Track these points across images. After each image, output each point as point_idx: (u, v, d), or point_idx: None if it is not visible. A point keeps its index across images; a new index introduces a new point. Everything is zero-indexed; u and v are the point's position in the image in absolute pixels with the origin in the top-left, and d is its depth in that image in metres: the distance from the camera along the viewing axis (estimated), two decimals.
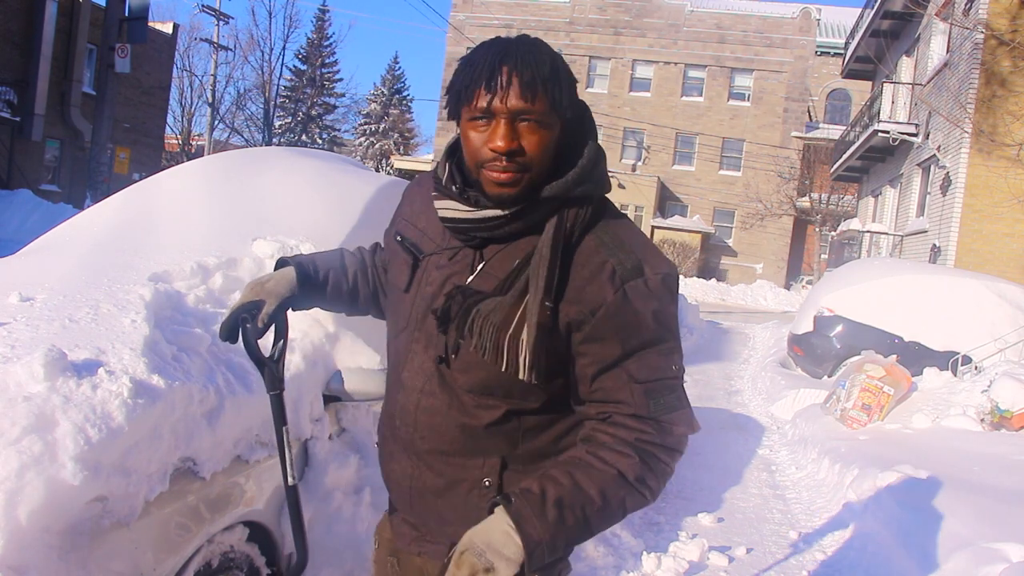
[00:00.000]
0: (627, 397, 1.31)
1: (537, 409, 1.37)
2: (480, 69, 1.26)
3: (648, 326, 1.30)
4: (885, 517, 4.21)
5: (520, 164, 1.27)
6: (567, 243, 1.31)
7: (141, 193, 3.19)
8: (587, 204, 1.34)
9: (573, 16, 35.42)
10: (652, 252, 1.35)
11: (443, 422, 1.38)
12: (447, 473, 1.40)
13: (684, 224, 33.16)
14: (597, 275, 1.30)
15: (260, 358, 1.68)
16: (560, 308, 1.30)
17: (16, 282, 2.33)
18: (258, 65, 44.05)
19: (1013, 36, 12.84)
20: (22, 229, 14.28)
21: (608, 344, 1.30)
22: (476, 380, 1.35)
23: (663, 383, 1.32)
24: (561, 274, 1.30)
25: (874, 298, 9.17)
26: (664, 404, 1.32)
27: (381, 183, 3.42)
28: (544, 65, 1.26)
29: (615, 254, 1.31)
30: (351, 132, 48.36)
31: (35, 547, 1.59)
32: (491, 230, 1.33)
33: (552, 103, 1.26)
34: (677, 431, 1.34)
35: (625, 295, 1.29)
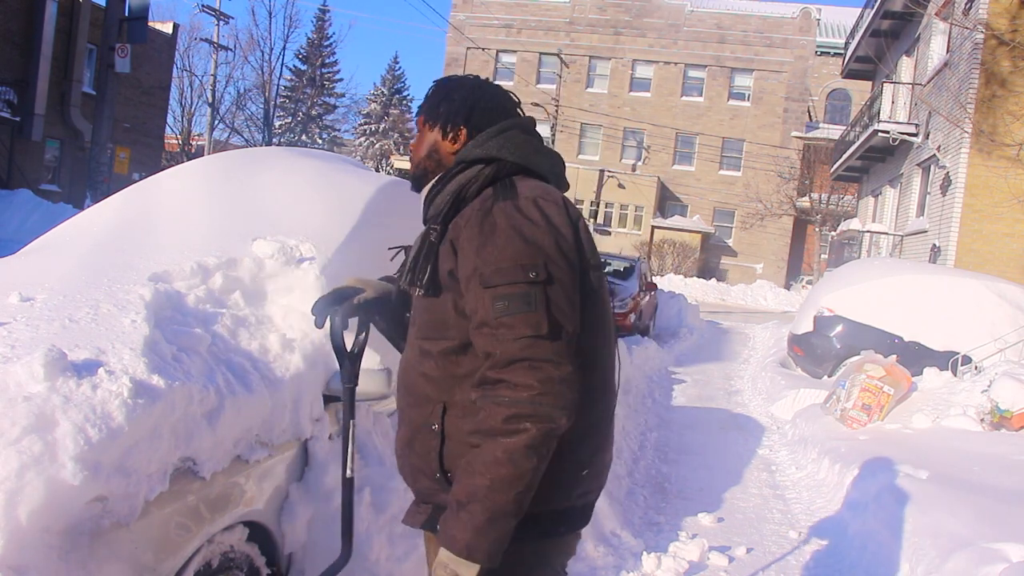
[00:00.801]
0: (479, 304, 1.45)
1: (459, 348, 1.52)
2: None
3: (507, 236, 1.45)
4: (885, 517, 4.21)
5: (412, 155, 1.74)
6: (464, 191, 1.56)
7: (141, 193, 3.19)
8: (486, 165, 1.58)
9: (573, 16, 35.40)
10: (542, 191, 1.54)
11: (410, 374, 1.62)
12: (413, 421, 1.61)
13: (684, 224, 33.16)
14: (477, 204, 1.53)
15: (343, 350, 1.86)
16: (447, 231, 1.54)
17: (16, 282, 2.33)
18: (258, 65, 43.96)
19: (1013, 36, 12.84)
20: (22, 229, 14.28)
21: (468, 252, 1.48)
22: (419, 324, 1.61)
23: (514, 288, 1.42)
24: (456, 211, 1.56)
25: (874, 298, 9.17)
26: (509, 308, 1.42)
27: (381, 183, 3.42)
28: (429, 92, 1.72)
29: (498, 190, 1.54)
30: (351, 132, 48.39)
31: (35, 547, 1.59)
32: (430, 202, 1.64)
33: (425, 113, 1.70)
34: (521, 332, 1.41)
35: (488, 211, 1.49)
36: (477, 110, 1.66)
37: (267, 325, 2.51)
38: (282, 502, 2.39)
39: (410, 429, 1.62)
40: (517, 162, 1.59)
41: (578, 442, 1.53)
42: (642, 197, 33.18)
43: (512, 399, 1.39)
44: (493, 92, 1.70)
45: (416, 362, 1.61)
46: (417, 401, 1.59)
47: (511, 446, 1.38)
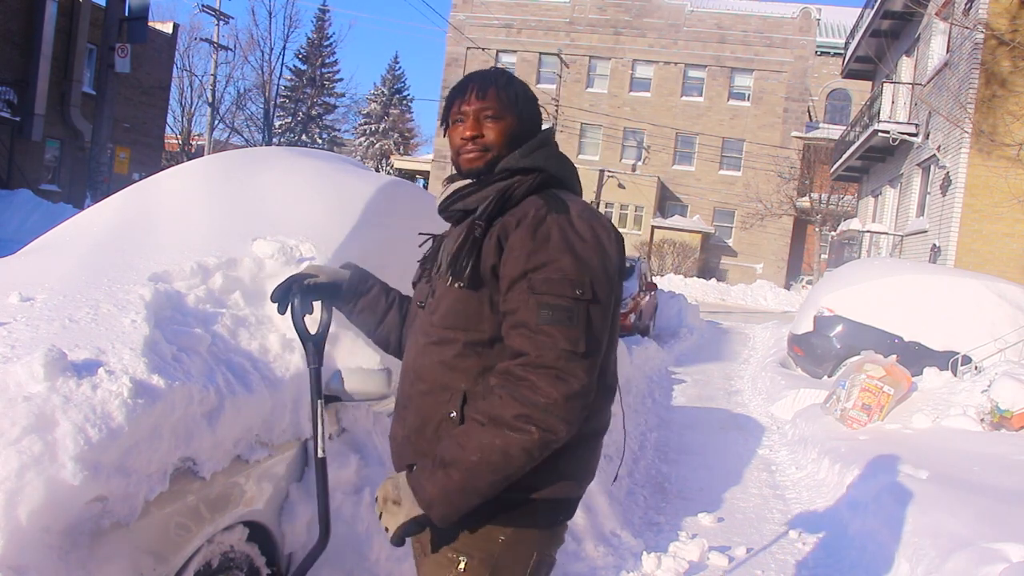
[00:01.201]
0: (521, 306, 1.49)
1: (489, 342, 1.57)
2: (456, 90, 1.70)
3: (559, 248, 1.50)
4: (885, 517, 4.21)
5: (482, 145, 1.65)
6: (509, 197, 1.60)
7: (141, 193, 3.18)
8: (534, 174, 1.63)
9: (573, 16, 35.40)
10: (587, 209, 1.59)
11: (425, 361, 1.63)
12: (424, 409, 1.62)
13: (684, 224, 33.16)
14: (527, 208, 1.57)
15: (305, 332, 1.92)
16: (492, 229, 1.57)
17: (16, 282, 2.33)
18: (258, 65, 44.02)
19: (1013, 36, 12.84)
20: (22, 229, 14.28)
21: (518, 254, 1.51)
22: (442, 313, 1.61)
23: (559, 300, 1.47)
24: (501, 211, 1.59)
25: (874, 298, 9.17)
26: (552, 317, 1.46)
27: (381, 183, 3.42)
28: (500, 77, 1.70)
29: (549, 200, 1.58)
30: (351, 132, 48.41)
31: (35, 547, 1.59)
32: (463, 198, 1.67)
33: (504, 100, 1.66)
34: (560, 344, 1.45)
35: (543, 219, 1.53)
36: (531, 109, 1.72)
37: (267, 325, 2.51)
38: (282, 502, 2.39)
39: (420, 417, 1.63)
40: (557, 176, 1.66)
41: (599, 437, 1.66)
42: (642, 197, 33.18)
43: (529, 400, 1.44)
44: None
45: (434, 350, 1.61)
46: (432, 389, 1.61)
47: (511, 441, 1.44)
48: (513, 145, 1.65)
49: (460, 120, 1.67)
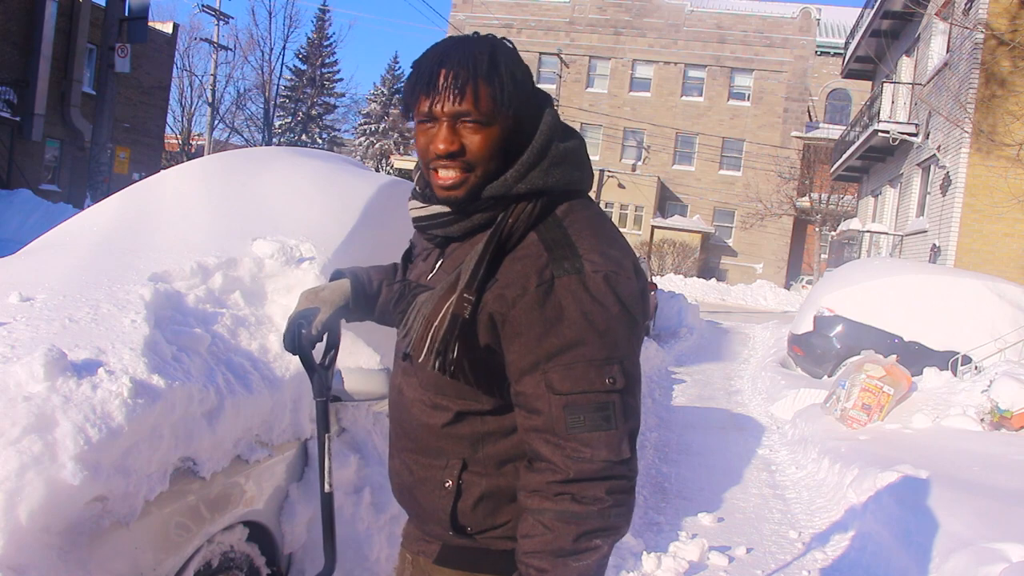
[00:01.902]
0: (544, 408, 1.21)
1: (491, 411, 1.33)
2: (421, 74, 1.27)
3: (575, 327, 1.20)
4: (885, 517, 4.21)
5: (464, 163, 1.27)
6: (505, 243, 1.26)
7: (141, 193, 3.19)
8: (535, 200, 1.28)
9: (573, 16, 35.41)
10: (603, 250, 1.26)
11: (408, 420, 1.40)
12: (415, 471, 1.41)
13: (684, 224, 33.16)
14: (528, 269, 1.23)
15: (312, 365, 1.70)
16: (484, 299, 1.24)
17: (16, 282, 2.33)
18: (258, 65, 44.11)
19: (1013, 36, 12.83)
20: (22, 229, 14.27)
21: (525, 341, 1.22)
22: (427, 379, 1.35)
23: (588, 397, 1.20)
24: (495, 268, 1.25)
25: (874, 298, 9.17)
26: (583, 422, 1.20)
27: (381, 183, 3.42)
28: (482, 63, 1.25)
29: (554, 250, 1.24)
30: (351, 132, 48.37)
31: (35, 547, 1.59)
32: (443, 227, 1.35)
33: (492, 99, 1.25)
34: (599, 455, 1.19)
35: (550, 288, 1.21)
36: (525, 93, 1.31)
37: (267, 325, 2.51)
38: (282, 502, 2.39)
39: (412, 477, 1.41)
40: (566, 189, 1.32)
41: None
42: (642, 197, 33.17)
43: (582, 514, 1.20)
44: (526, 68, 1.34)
45: (423, 412, 1.37)
46: (421, 451, 1.39)
47: (584, 569, 1.21)
48: (503, 158, 1.28)
49: (429, 122, 1.27)
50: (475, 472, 1.35)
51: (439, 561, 1.45)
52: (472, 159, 1.26)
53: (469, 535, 1.37)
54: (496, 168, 1.28)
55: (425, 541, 1.48)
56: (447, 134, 1.25)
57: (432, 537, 1.45)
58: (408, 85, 1.30)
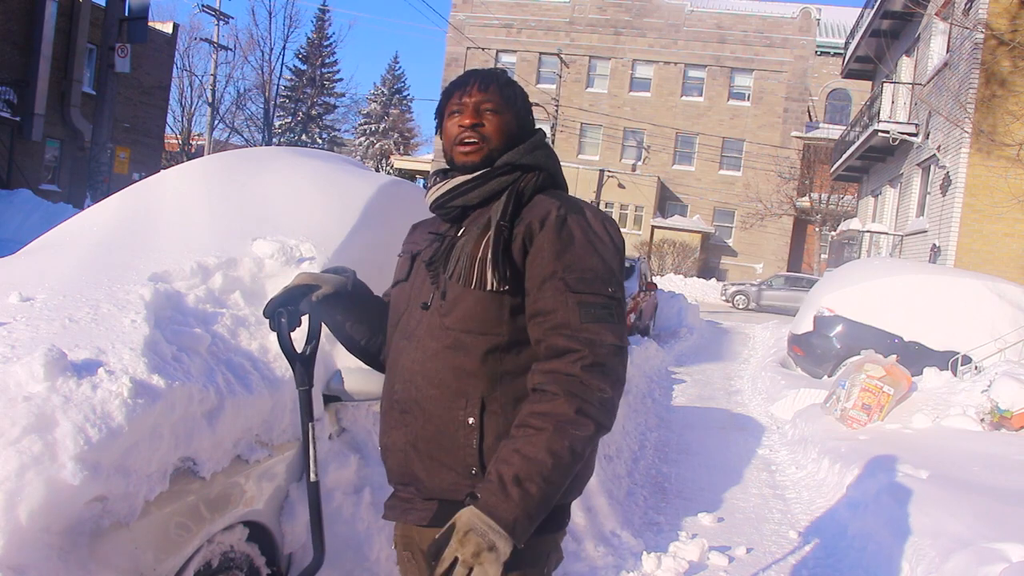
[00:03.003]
0: (560, 305, 1.49)
1: (508, 346, 1.55)
2: (455, 84, 1.70)
3: (585, 248, 1.53)
4: (885, 517, 4.21)
5: (481, 135, 1.64)
6: (520, 196, 1.60)
7: (141, 193, 3.18)
8: (539, 172, 1.65)
9: (573, 16, 35.40)
10: (596, 209, 1.62)
11: (434, 365, 1.57)
12: (437, 416, 1.56)
13: (684, 224, 33.16)
14: (546, 207, 1.57)
15: (292, 352, 1.76)
16: (515, 230, 1.56)
17: (16, 282, 2.33)
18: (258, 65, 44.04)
19: (1013, 36, 12.83)
20: (22, 229, 14.27)
21: (546, 255, 1.52)
22: (457, 316, 1.56)
23: (596, 298, 1.50)
24: (516, 212, 1.58)
25: (874, 298, 9.18)
26: (594, 315, 1.49)
27: (381, 183, 3.42)
28: (502, 77, 1.70)
29: (561, 200, 1.59)
30: (351, 132, 48.40)
31: (35, 547, 1.59)
32: (463, 194, 1.64)
33: (505, 97, 1.67)
34: (607, 340, 1.48)
35: (564, 221, 1.54)
36: (527, 111, 1.73)
37: (267, 325, 2.51)
38: (282, 502, 2.39)
39: (432, 424, 1.56)
40: (554, 176, 1.69)
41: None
42: (642, 197, 33.17)
43: (585, 396, 1.44)
44: None
45: (448, 355, 1.56)
46: (445, 395, 1.55)
47: (576, 438, 1.43)
48: (509, 143, 1.65)
49: (458, 111, 1.65)
50: (493, 411, 1.54)
51: (433, 523, 1.54)
52: (487, 134, 1.64)
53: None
54: (503, 147, 1.65)
55: (416, 510, 1.59)
56: (471, 113, 1.64)
57: (435, 494, 1.56)
58: (443, 95, 1.70)
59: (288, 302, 1.76)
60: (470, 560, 1.34)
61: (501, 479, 1.39)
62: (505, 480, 1.38)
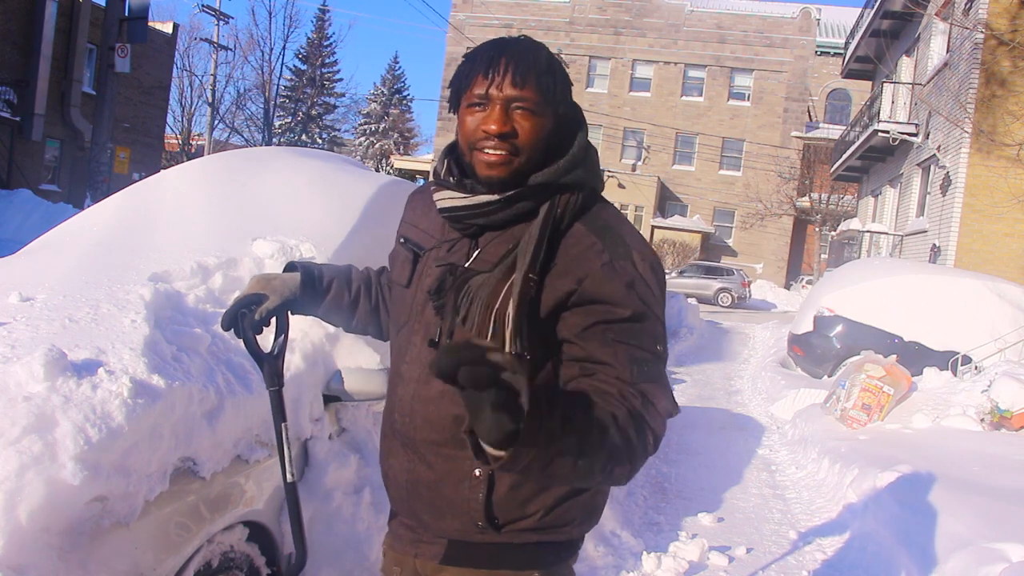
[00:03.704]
0: (612, 359, 1.29)
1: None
2: (480, 60, 1.33)
3: (634, 299, 1.31)
4: (885, 517, 4.21)
5: (512, 146, 1.32)
6: (557, 227, 1.34)
7: (141, 193, 3.19)
8: (578, 191, 1.37)
9: (573, 16, 35.40)
10: (640, 242, 1.38)
11: (436, 411, 1.39)
12: (439, 465, 1.40)
13: (684, 224, 33.16)
14: (585, 253, 1.32)
15: (258, 353, 1.70)
16: (547, 282, 1.31)
17: (16, 282, 2.33)
18: (258, 65, 44.02)
19: (1013, 36, 12.83)
20: (22, 229, 14.27)
21: (594, 308, 1.31)
22: None
23: (648, 354, 1.31)
24: (550, 255, 1.32)
25: (874, 298, 9.18)
26: (648, 373, 1.30)
27: (381, 183, 3.42)
28: (540, 60, 1.33)
29: (604, 238, 1.34)
30: (351, 132, 48.37)
31: (35, 547, 1.59)
32: (486, 216, 1.36)
33: (545, 93, 1.32)
34: (660, 406, 1.29)
35: (612, 267, 1.31)
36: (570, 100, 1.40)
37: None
38: (282, 502, 2.39)
39: (432, 471, 1.40)
40: (597, 192, 1.43)
41: None
42: (642, 197, 33.17)
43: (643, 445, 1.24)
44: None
45: (449, 402, 1.37)
46: (449, 441, 1.37)
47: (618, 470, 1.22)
48: (544, 152, 1.35)
49: (481, 105, 1.32)
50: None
51: (447, 560, 1.42)
52: (521, 143, 1.32)
53: (497, 527, 1.38)
54: (538, 159, 1.35)
55: (425, 543, 1.45)
56: (501, 115, 1.31)
57: (442, 535, 1.43)
58: (463, 69, 1.35)
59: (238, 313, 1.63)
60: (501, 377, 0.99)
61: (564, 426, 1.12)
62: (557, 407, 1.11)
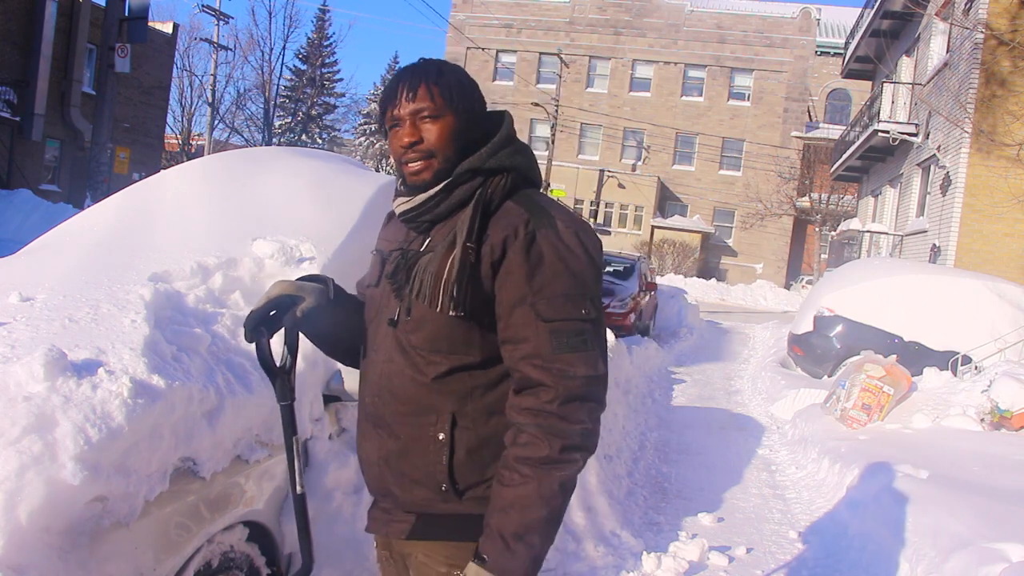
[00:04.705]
0: (532, 335, 1.43)
1: (480, 364, 1.50)
2: (387, 90, 1.54)
3: (554, 268, 1.44)
4: (885, 517, 4.21)
5: (424, 152, 1.50)
6: (488, 207, 1.49)
7: (141, 193, 3.19)
8: (505, 174, 1.52)
9: (573, 16, 35.40)
10: (565, 213, 1.51)
11: (400, 383, 1.53)
12: (406, 433, 1.53)
13: (684, 224, 33.16)
14: (513, 223, 1.46)
15: (272, 367, 1.68)
16: (482, 250, 1.46)
17: (16, 282, 2.33)
18: (258, 65, 43.98)
19: (1013, 36, 12.83)
20: (22, 229, 14.26)
21: (516, 278, 1.44)
22: (424, 336, 1.50)
23: (569, 324, 1.43)
24: (483, 226, 1.48)
25: (874, 298, 9.17)
26: (567, 344, 1.42)
27: (381, 183, 3.42)
28: (430, 71, 1.52)
29: (530, 211, 1.48)
30: (351, 132, 48.38)
31: (35, 547, 1.59)
32: (430, 210, 1.53)
33: (442, 97, 1.50)
34: (579, 371, 1.42)
35: (533, 238, 1.45)
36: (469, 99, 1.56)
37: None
38: (282, 502, 2.39)
39: (401, 441, 1.54)
40: (526, 174, 1.56)
41: None
42: (642, 197, 33.17)
43: (567, 432, 1.42)
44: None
45: (413, 371, 1.52)
46: (413, 411, 1.52)
47: (565, 477, 1.42)
48: (459, 144, 1.51)
49: (396, 126, 1.52)
50: (464, 426, 1.50)
51: (414, 535, 1.55)
52: (431, 147, 1.50)
53: (459, 493, 1.50)
54: (455, 154, 1.51)
55: (396, 522, 1.58)
56: (409, 129, 1.50)
57: (412, 507, 1.55)
58: (381, 101, 1.56)
59: (269, 315, 1.63)
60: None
61: (503, 538, 1.40)
62: (507, 538, 1.40)
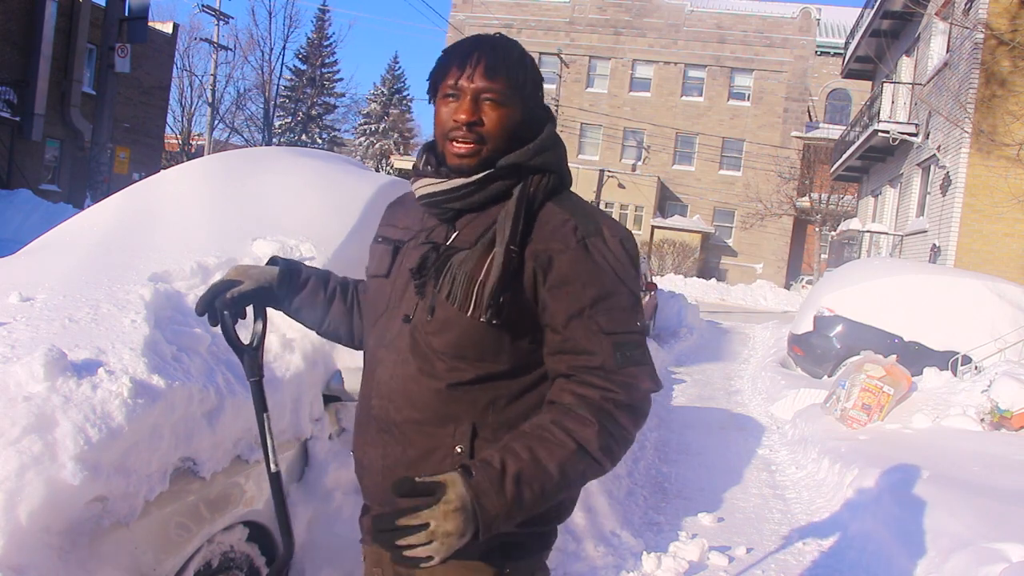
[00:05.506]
0: (596, 347, 1.37)
1: (507, 373, 1.41)
2: (455, 54, 1.43)
3: (611, 278, 1.39)
4: (885, 517, 4.21)
5: (478, 135, 1.40)
6: (531, 206, 1.41)
7: (141, 193, 3.19)
8: (548, 174, 1.45)
9: (573, 16, 35.40)
10: (610, 220, 1.46)
11: (416, 388, 1.43)
12: (419, 443, 1.43)
13: (684, 224, 33.15)
14: (560, 228, 1.40)
15: (238, 344, 1.71)
16: (526, 254, 1.38)
17: (16, 282, 2.33)
18: (258, 65, 44.03)
19: (1013, 36, 12.83)
20: (22, 229, 14.26)
21: (574, 289, 1.37)
22: (449, 340, 1.40)
23: (629, 337, 1.39)
24: (527, 229, 1.40)
25: (874, 298, 9.18)
26: (631, 357, 1.38)
27: (381, 183, 3.42)
28: (512, 54, 1.43)
29: (576, 215, 1.42)
30: (351, 132, 48.35)
31: (35, 547, 1.59)
32: (462, 198, 1.44)
33: (514, 85, 1.41)
34: (643, 386, 1.38)
35: (586, 247, 1.38)
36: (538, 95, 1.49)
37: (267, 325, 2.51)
38: None
39: (413, 450, 1.43)
40: (563, 177, 1.49)
41: None
42: (642, 197, 33.17)
43: (616, 434, 1.36)
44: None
45: (433, 378, 1.42)
46: (430, 420, 1.42)
47: (591, 470, 1.36)
48: (511, 139, 1.42)
49: (454, 96, 1.41)
50: (484, 438, 1.40)
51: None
52: (487, 132, 1.40)
53: None
54: (504, 147, 1.42)
55: None
56: (470, 106, 1.40)
57: None
58: (440, 63, 1.45)
59: (215, 298, 1.65)
60: (440, 536, 1.21)
61: (504, 469, 1.27)
62: (507, 472, 1.27)
